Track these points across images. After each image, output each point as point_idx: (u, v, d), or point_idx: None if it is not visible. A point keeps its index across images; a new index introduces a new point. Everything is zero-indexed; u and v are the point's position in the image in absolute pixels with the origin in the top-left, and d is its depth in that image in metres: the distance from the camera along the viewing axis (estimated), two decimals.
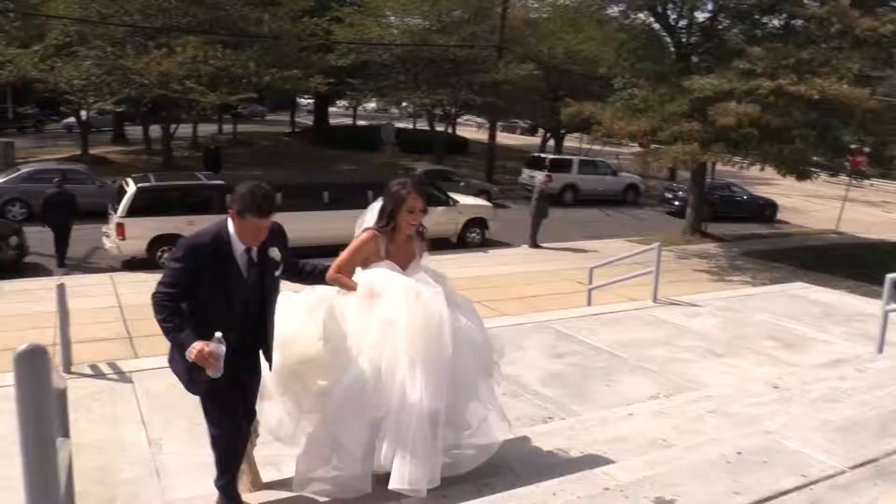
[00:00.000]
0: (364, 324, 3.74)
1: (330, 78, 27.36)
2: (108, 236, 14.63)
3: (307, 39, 27.17)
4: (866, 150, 19.43)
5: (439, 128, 35.20)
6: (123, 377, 6.76)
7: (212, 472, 3.80)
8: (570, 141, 37.26)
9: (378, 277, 3.85)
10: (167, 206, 14.53)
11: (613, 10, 19.73)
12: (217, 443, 3.72)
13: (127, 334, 9.95)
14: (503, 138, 39.66)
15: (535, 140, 43.18)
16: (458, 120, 41.68)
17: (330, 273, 3.92)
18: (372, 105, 49.73)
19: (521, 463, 3.94)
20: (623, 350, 7.83)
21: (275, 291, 3.76)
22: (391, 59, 30.90)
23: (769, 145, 15.34)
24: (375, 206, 4.10)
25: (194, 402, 6.43)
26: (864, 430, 3.60)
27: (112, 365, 7.09)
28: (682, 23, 19.40)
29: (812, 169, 16.91)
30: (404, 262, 3.97)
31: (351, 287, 3.88)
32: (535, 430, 4.50)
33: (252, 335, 3.60)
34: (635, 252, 12.28)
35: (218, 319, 3.40)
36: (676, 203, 26.08)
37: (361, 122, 46.58)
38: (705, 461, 3.27)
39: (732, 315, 9.78)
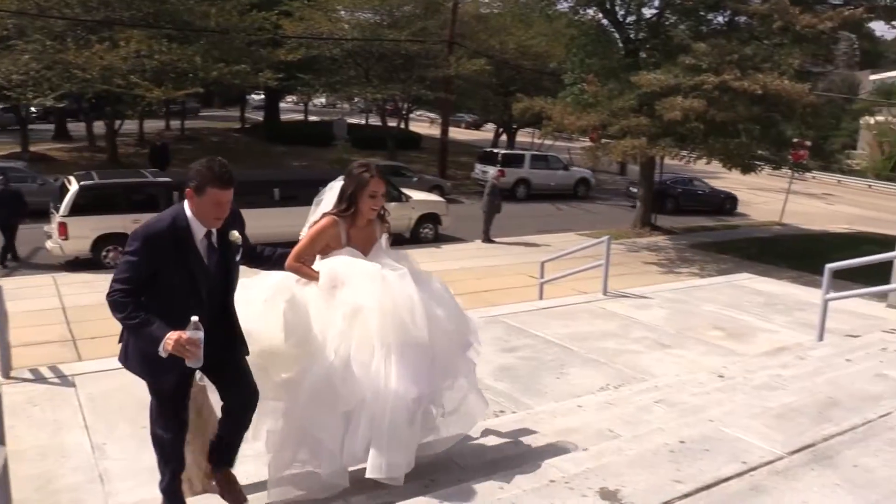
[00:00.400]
0: (329, 314, 3.57)
1: (279, 73, 27.01)
2: (50, 236, 14.22)
3: (255, 34, 26.75)
4: (808, 143, 20.01)
5: (392, 123, 35.07)
6: (66, 381, 6.56)
7: (157, 475, 3.71)
8: (523, 136, 37.50)
9: (340, 266, 3.69)
10: (111, 204, 14.23)
11: (563, 6, 19.94)
12: (162, 444, 3.57)
13: (70, 337, 9.69)
14: (455, 133, 39.68)
15: (486, 135, 43.35)
16: (411, 115, 41.62)
17: (289, 261, 3.74)
18: (322, 101, 49.31)
19: (468, 458, 3.94)
20: (574, 343, 7.91)
21: (237, 277, 3.58)
22: (342, 53, 30.67)
23: (714, 139, 15.69)
24: (334, 188, 3.93)
25: (140, 404, 6.30)
26: (803, 416, 3.70)
27: (54, 369, 6.88)
28: (631, 19, 19.69)
29: (756, 162, 17.33)
30: (366, 247, 3.83)
31: (312, 277, 3.70)
32: (485, 425, 4.50)
33: (220, 325, 3.38)
34: (585, 246, 12.41)
35: (181, 312, 3.16)
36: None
37: (313, 118, 46.12)
38: (650, 451, 3.31)
39: (680, 306, 9.96)
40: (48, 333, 9.68)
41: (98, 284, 13.30)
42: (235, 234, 3.46)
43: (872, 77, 59.89)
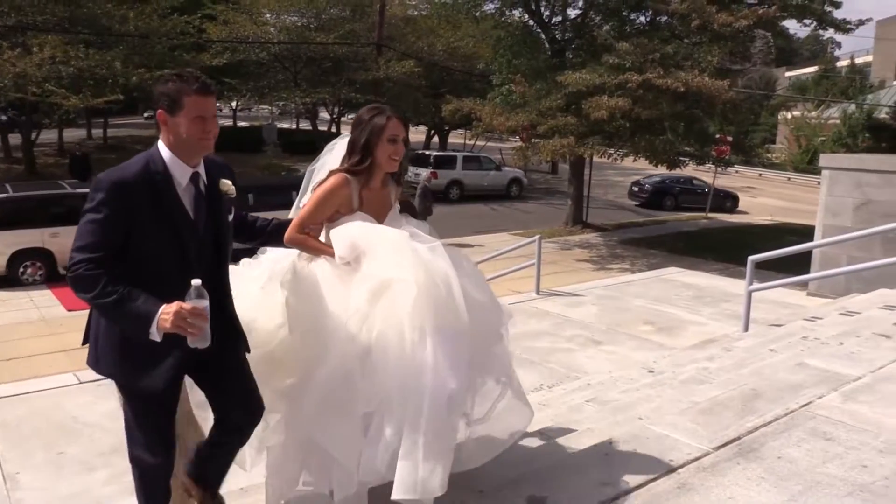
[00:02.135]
0: (344, 294, 2.83)
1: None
2: None
3: (178, 38, 26.06)
4: (729, 139, 20.64)
5: (323, 128, 34.68)
6: None
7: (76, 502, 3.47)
8: (455, 137, 37.59)
9: (358, 233, 2.94)
10: (28, 218, 13.62)
11: (489, 7, 20.00)
12: (143, 471, 2.71)
13: None
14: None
15: (418, 136, 43.35)
16: (343, 119, 41.26)
17: (290, 233, 3.00)
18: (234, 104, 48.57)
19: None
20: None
21: (231, 241, 2.83)
22: (269, 57, 30.20)
23: (640, 137, 16.01)
24: (335, 147, 3.27)
25: (58, 429, 6.01)
26: (728, 410, 3.73)
27: None
28: (556, 19, 19.94)
29: (681, 158, 17.75)
30: (379, 214, 3.10)
31: (320, 250, 2.97)
32: None
33: (211, 307, 2.45)
34: (517, 245, 12.47)
35: (164, 287, 2.41)
36: (644, 196, 28.32)
37: (242, 124, 45.26)
38: (579, 453, 3.29)
39: (612, 302, 10.09)
40: None
41: (16, 303, 12.76)
42: (229, 183, 2.73)
43: (788, 74, 62.41)
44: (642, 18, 18.67)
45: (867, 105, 36.85)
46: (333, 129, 37.16)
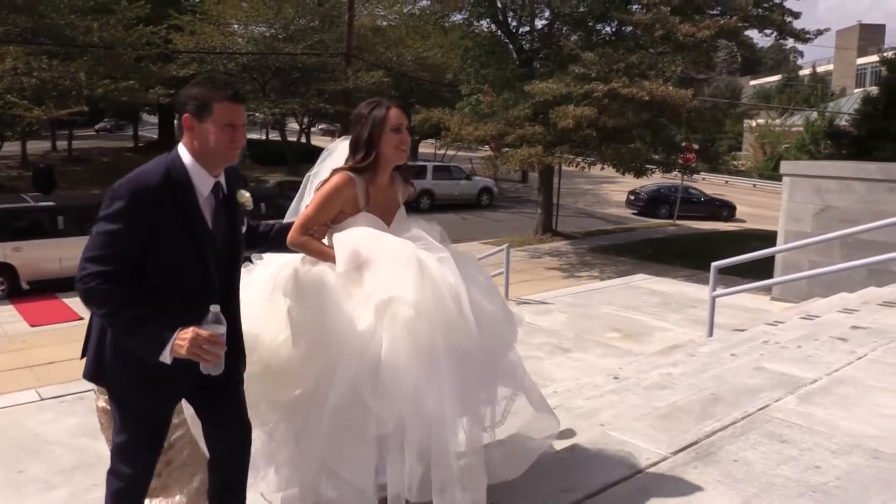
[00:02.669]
0: (351, 305, 2.70)
1: (171, 89, 26.14)
2: None
3: (144, 48, 25.80)
4: (695, 147, 20.95)
5: (292, 138, 34.54)
6: None
7: None
8: (425, 147, 37.66)
9: (362, 240, 2.81)
10: None
11: (457, 18, 20.14)
12: (120, 488, 2.52)
13: None
14: None
15: None
16: (313, 129, 41.11)
17: (293, 235, 2.87)
18: None
19: None
20: None
21: (242, 255, 2.72)
22: (237, 68, 30.02)
23: (606, 145, 16.20)
24: (335, 150, 3.12)
25: (18, 447, 5.89)
26: (687, 415, 3.79)
27: None
28: (524, 30, 20.12)
29: (648, 166, 17.97)
30: (388, 214, 2.97)
31: (324, 254, 2.84)
32: None
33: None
34: (486, 254, 12.52)
35: (182, 303, 2.31)
36: (640, 204, 28.87)
37: None
38: (539, 460, 3.30)
39: (579, 310, 10.17)
40: None
41: None
42: (247, 195, 2.60)
43: (753, 82, 63.54)
44: (608, 29, 18.93)
45: (828, 113, 37.66)
46: (303, 140, 37.07)
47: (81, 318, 11.73)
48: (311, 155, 36.39)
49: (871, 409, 3.85)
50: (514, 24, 20.00)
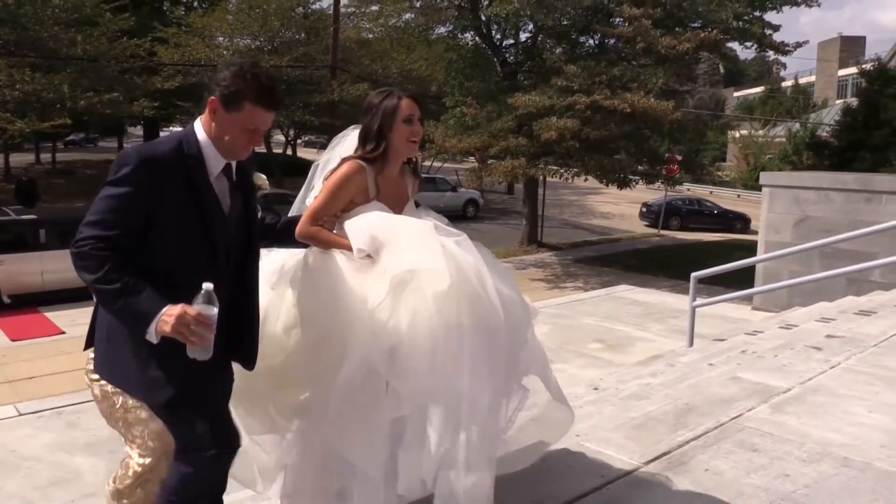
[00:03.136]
0: (364, 288, 2.53)
1: (156, 101, 26.11)
2: None
3: (128, 61, 25.75)
4: (678, 158, 21.13)
5: (278, 150, 34.54)
6: None
7: None
8: None
9: (378, 223, 2.66)
10: None
11: (441, 31, 20.26)
12: (190, 485, 2.31)
13: None
14: None
15: None
16: (298, 141, 41.12)
17: (302, 226, 2.72)
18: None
19: None
20: None
21: (259, 243, 2.58)
22: None
23: (589, 157, 16.32)
24: (347, 137, 3.01)
25: None
26: (661, 425, 3.82)
27: None
28: (507, 42, 20.29)
29: (631, 177, 18.11)
30: (397, 207, 2.85)
31: (335, 243, 2.69)
32: None
33: (229, 315, 2.28)
34: None
35: (186, 284, 2.14)
36: (651, 216, 29.12)
37: None
38: (513, 472, 3.32)
39: (563, 321, 10.19)
40: None
41: None
42: (263, 177, 2.51)
43: (736, 94, 64.19)
44: (591, 42, 19.11)
45: (810, 124, 38.06)
46: (289, 152, 37.07)
47: (63, 333, 11.67)
48: (298, 167, 36.56)
49: (842, 418, 3.90)
50: (498, 36, 20.17)
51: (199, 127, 2.31)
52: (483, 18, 19.42)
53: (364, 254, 2.61)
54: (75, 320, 11.75)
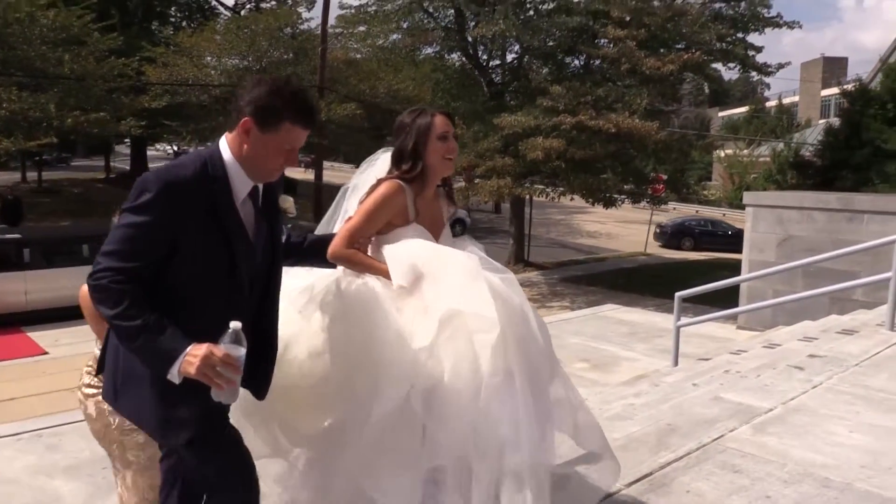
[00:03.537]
0: (405, 322, 2.40)
1: (143, 120, 26.08)
2: None
3: (115, 80, 25.75)
4: (664, 177, 21.28)
5: None
6: None
7: None
8: None
9: (420, 252, 2.51)
10: None
11: (428, 51, 20.42)
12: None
13: None
14: (331, 177, 39.59)
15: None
16: None
17: (337, 248, 2.57)
18: (169, 148, 48.34)
19: None
20: None
21: (281, 269, 2.40)
22: (210, 100, 30.00)
23: (575, 176, 16.44)
24: (378, 160, 2.88)
25: None
26: (643, 446, 3.82)
27: None
28: (494, 63, 20.46)
29: (616, 196, 18.24)
30: (434, 230, 2.74)
31: (373, 268, 2.55)
32: None
33: (251, 345, 2.09)
34: None
35: (209, 318, 2.03)
36: (665, 237, 30.05)
37: None
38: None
39: None
40: None
41: None
42: (290, 200, 2.36)
43: (721, 114, 64.84)
44: (576, 62, 19.31)
45: (794, 143, 38.48)
46: None
47: (46, 353, 11.56)
48: (286, 187, 36.58)
49: (824, 438, 3.91)
50: (485, 57, 20.36)
51: (225, 146, 2.14)
52: (469, 39, 19.61)
53: (409, 281, 2.49)
54: (59, 340, 11.66)
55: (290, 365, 2.48)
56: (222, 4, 37.73)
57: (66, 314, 12.50)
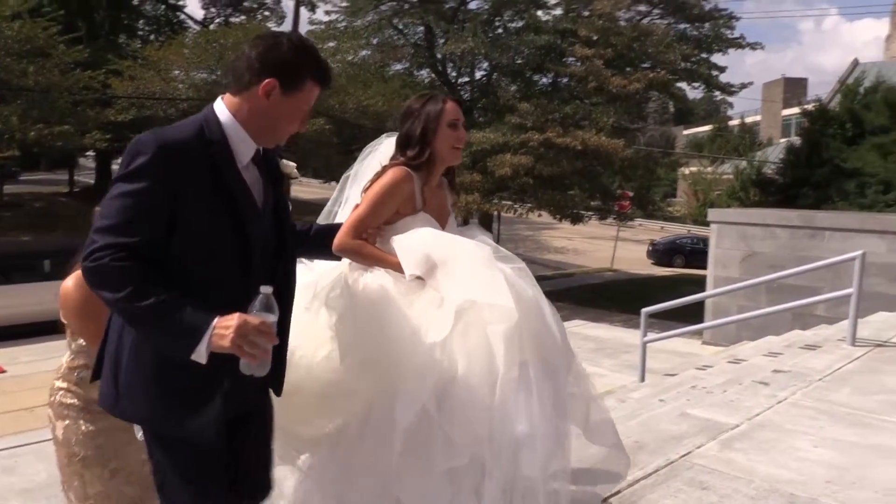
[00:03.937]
0: (413, 316, 2.29)
1: (109, 133, 25.73)
2: None
3: (81, 93, 25.39)
4: (630, 194, 21.54)
5: None
6: None
7: None
8: None
9: (432, 242, 2.40)
10: None
11: (397, 67, 20.48)
12: None
13: None
14: (300, 192, 39.39)
15: (331, 193, 43.34)
16: None
17: (343, 239, 2.43)
18: None
19: None
20: None
21: (292, 236, 2.19)
22: (177, 114, 29.71)
23: (543, 193, 16.58)
24: (381, 146, 2.76)
25: None
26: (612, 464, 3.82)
27: None
28: (463, 80, 20.58)
29: (583, 213, 18.41)
30: (440, 220, 2.61)
31: (381, 260, 2.41)
32: None
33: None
34: None
35: (218, 292, 1.83)
36: (657, 254, 30.44)
37: None
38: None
39: None
40: None
41: None
42: (292, 164, 2.17)
43: (686, 132, 65.95)
44: (544, 80, 19.53)
45: (756, 161, 39.22)
46: None
47: (4, 371, 11.25)
48: None
49: (789, 453, 3.95)
50: (454, 74, 20.50)
51: (223, 107, 1.92)
52: (439, 56, 19.73)
53: (423, 271, 2.37)
54: (17, 358, 11.36)
55: (296, 366, 2.32)
56: (191, 18, 37.55)
57: (25, 331, 12.22)
